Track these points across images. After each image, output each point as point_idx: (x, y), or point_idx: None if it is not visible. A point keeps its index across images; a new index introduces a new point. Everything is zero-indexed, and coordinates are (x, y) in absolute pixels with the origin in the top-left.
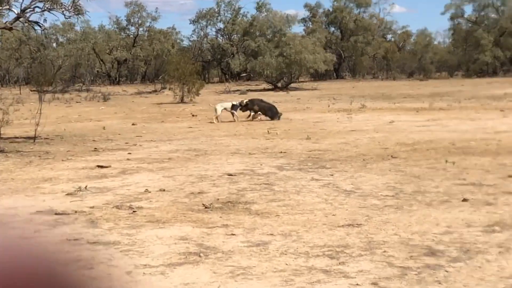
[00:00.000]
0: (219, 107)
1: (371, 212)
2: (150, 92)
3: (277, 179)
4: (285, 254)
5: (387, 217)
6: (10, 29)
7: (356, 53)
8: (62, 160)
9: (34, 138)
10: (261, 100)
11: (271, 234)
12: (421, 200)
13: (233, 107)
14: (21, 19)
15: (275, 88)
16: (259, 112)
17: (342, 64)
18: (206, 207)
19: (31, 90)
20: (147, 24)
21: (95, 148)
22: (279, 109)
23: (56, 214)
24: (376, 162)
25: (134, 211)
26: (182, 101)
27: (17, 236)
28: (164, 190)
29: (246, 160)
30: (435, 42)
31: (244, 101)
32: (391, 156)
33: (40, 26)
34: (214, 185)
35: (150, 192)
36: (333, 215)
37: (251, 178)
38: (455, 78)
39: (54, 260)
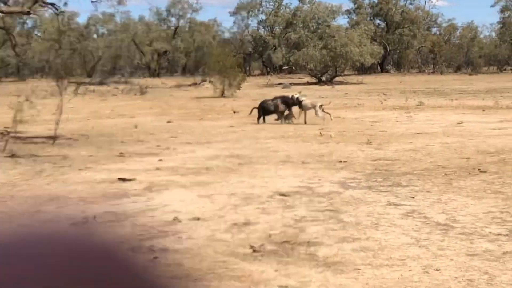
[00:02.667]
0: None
1: (488, 265)
2: (189, 85)
3: (344, 203)
4: None
5: None
6: (28, 13)
7: (401, 46)
8: (79, 169)
9: (54, 138)
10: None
11: None
12: None
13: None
14: (38, 2)
15: (320, 82)
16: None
17: (387, 57)
18: (254, 250)
19: (69, 82)
20: (188, 15)
21: (121, 153)
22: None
23: None
24: (463, 178)
25: (155, 257)
26: (222, 95)
27: None
28: (198, 219)
29: (300, 172)
30: (481, 36)
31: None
32: (478, 169)
33: (56, 9)
34: (263, 211)
35: (180, 221)
36: (437, 270)
37: (310, 201)
38: (505, 73)
39: None
